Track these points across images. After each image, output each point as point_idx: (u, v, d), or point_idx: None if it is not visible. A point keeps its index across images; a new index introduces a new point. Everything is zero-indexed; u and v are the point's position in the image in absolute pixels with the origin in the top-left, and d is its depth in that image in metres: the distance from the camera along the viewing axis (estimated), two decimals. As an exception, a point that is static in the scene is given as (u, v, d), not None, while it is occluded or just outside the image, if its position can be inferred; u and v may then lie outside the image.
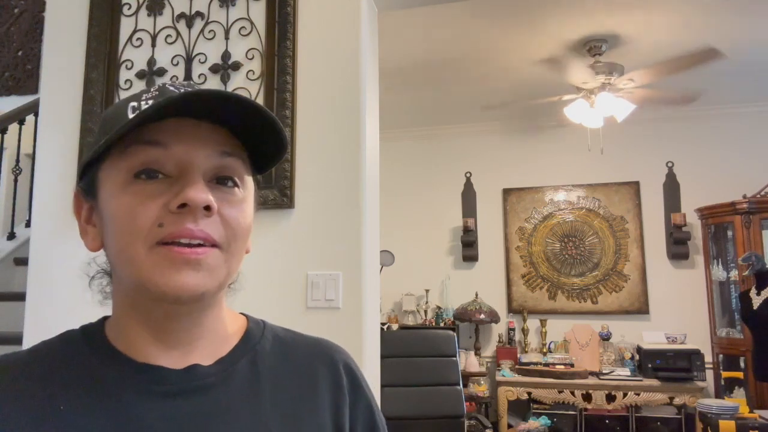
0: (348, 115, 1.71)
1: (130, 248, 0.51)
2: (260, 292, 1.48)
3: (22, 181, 3.50)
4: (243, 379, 0.57)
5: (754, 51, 3.48)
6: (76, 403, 0.51)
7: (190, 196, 0.49)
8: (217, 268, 0.52)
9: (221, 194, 0.53)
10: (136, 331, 0.55)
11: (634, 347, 4.35)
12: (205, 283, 0.51)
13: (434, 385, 3.08)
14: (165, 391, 0.53)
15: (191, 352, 0.56)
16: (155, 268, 0.50)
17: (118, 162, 0.52)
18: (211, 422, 0.53)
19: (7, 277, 3.31)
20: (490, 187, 4.94)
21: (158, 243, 0.50)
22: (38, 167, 1.92)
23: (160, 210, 0.50)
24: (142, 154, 0.51)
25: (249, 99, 0.52)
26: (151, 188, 0.51)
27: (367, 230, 1.69)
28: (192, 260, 0.50)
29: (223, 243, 0.52)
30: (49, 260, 1.84)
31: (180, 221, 0.50)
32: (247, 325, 0.62)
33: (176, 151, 0.51)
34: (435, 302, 4.83)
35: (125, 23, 1.90)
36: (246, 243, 0.56)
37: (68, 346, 0.56)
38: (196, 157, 0.52)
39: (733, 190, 4.22)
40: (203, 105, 0.51)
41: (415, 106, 4.51)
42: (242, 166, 0.56)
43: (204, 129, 0.53)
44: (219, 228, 0.52)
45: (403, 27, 3.13)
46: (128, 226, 0.51)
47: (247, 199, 0.56)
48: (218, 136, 0.54)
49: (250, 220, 0.56)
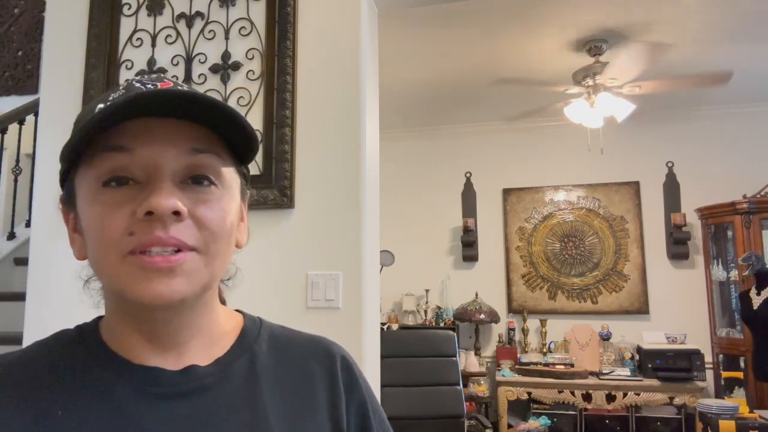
0: (348, 115, 1.71)
1: (104, 258, 0.50)
2: (260, 292, 1.48)
3: (22, 181, 3.50)
4: (241, 379, 0.56)
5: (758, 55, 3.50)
6: (72, 407, 0.50)
7: (155, 204, 0.47)
8: (196, 272, 0.50)
9: (195, 195, 0.51)
10: (129, 334, 0.54)
11: (634, 347, 4.35)
12: (182, 290, 0.49)
13: (434, 385, 3.08)
14: (162, 393, 0.52)
15: (186, 352, 0.55)
16: (128, 278, 0.49)
17: (88, 169, 0.51)
18: (211, 423, 0.52)
19: (7, 277, 3.31)
20: (490, 187, 4.93)
21: (130, 252, 0.48)
22: (38, 167, 1.92)
23: (128, 218, 0.49)
24: (108, 161, 0.49)
25: (205, 96, 0.50)
26: (120, 196, 0.49)
27: (367, 230, 1.69)
28: (164, 269, 0.48)
29: (200, 246, 0.50)
30: (49, 260, 1.84)
31: (149, 229, 0.48)
32: (244, 323, 0.61)
33: (142, 154, 0.49)
34: (435, 302, 4.83)
35: (125, 23, 1.90)
36: (230, 241, 0.54)
37: (63, 347, 0.55)
38: (163, 158, 0.50)
39: (733, 190, 4.22)
40: (163, 103, 0.49)
41: (415, 104, 4.51)
42: (218, 161, 0.53)
43: (172, 127, 0.50)
44: (193, 231, 0.50)
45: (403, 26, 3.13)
46: (99, 236, 0.49)
47: (225, 196, 0.53)
48: (189, 133, 0.51)
49: (232, 217, 0.54)
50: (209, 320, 0.57)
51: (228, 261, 0.55)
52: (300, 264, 1.67)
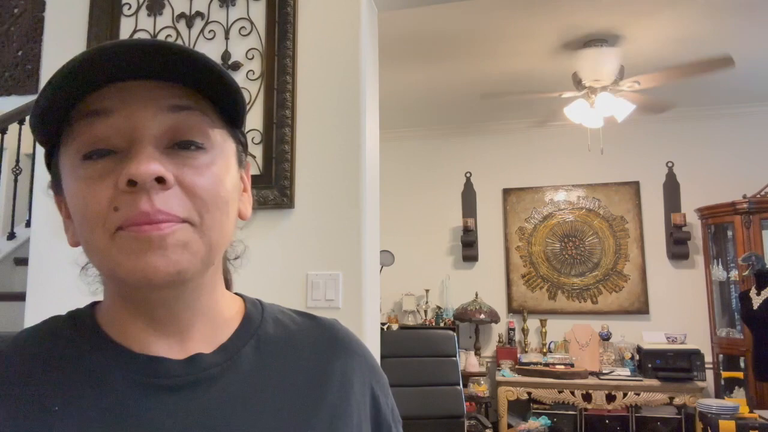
0: (348, 115, 1.71)
1: (91, 237, 0.46)
2: (260, 292, 1.47)
3: (22, 181, 3.50)
4: (249, 366, 0.52)
5: (758, 55, 3.49)
6: (69, 399, 0.46)
7: (134, 171, 0.43)
8: (191, 243, 0.46)
9: (181, 160, 0.47)
10: (128, 319, 0.50)
11: (634, 347, 4.35)
12: (179, 261, 0.45)
13: (434, 385, 3.08)
14: (168, 384, 0.48)
15: (189, 339, 0.51)
16: (120, 255, 0.45)
17: (70, 143, 0.47)
18: (221, 415, 0.48)
19: (7, 277, 3.31)
20: (490, 187, 4.94)
21: (119, 228, 0.45)
22: (38, 167, 1.92)
23: (111, 192, 0.45)
24: (87, 131, 0.46)
25: (173, 44, 0.45)
26: (100, 168, 0.45)
27: (367, 230, 1.69)
28: (155, 238, 0.44)
29: (192, 217, 0.46)
30: (49, 260, 1.84)
31: (134, 203, 0.44)
32: (246, 307, 0.58)
33: (119, 117, 0.46)
34: (435, 302, 4.83)
35: (125, 23, 1.90)
36: (227, 209, 0.50)
37: (56, 335, 0.51)
38: (141, 119, 0.46)
39: (733, 190, 4.22)
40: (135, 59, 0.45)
41: (416, 104, 4.51)
42: (205, 122, 0.48)
43: (151, 87, 0.46)
44: (183, 200, 0.46)
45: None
46: (84, 214, 0.46)
47: (217, 161, 0.49)
48: (169, 91, 0.47)
49: (228, 185, 0.50)
50: (212, 302, 0.53)
51: (228, 234, 0.51)
52: (300, 264, 1.67)
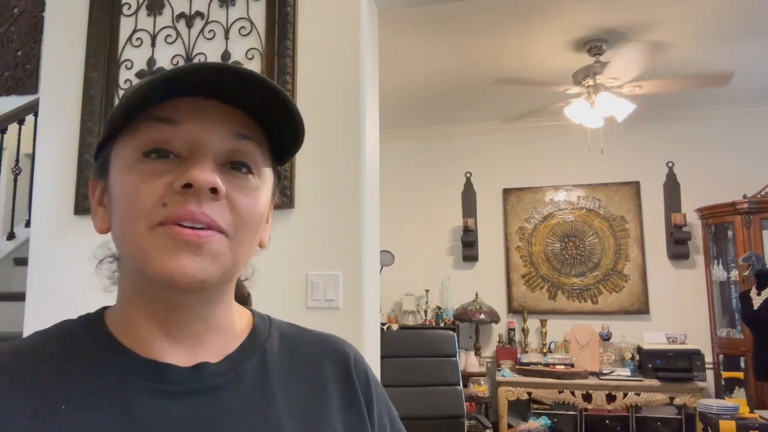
0: (348, 115, 1.71)
1: (131, 227, 0.49)
2: (260, 292, 1.47)
3: (22, 181, 3.50)
4: (253, 378, 0.54)
5: (758, 55, 3.50)
6: (77, 401, 0.48)
7: (195, 176, 0.47)
8: (221, 254, 0.49)
9: (233, 179, 0.51)
10: (140, 322, 0.52)
11: (634, 347, 4.35)
12: (206, 269, 0.48)
13: (434, 385, 3.08)
14: (173, 390, 0.50)
15: (198, 347, 0.53)
16: (154, 250, 0.47)
17: (129, 139, 0.50)
18: (222, 424, 0.50)
19: (7, 277, 3.31)
20: (490, 187, 4.93)
21: (160, 223, 0.48)
22: (38, 167, 1.92)
23: (164, 189, 0.48)
24: (153, 132, 0.49)
25: (267, 78, 0.50)
26: (158, 167, 0.49)
27: (367, 230, 1.69)
28: (192, 243, 0.47)
29: (230, 230, 0.50)
30: (49, 260, 1.84)
31: (183, 202, 0.47)
32: (254, 321, 0.60)
33: (187, 129, 0.49)
34: (435, 302, 4.83)
35: (125, 23, 1.90)
36: (257, 233, 0.54)
37: (67, 337, 0.53)
38: (207, 136, 0.50)
39: (733, 190, 4.21)
40: (216, 80, 0.49)
41: (416, 104, 4.51)
42: (259, 153, 0.53)
43: (220, 109, 0.51)
44: (226, 213, 0.49)
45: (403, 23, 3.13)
46: (131, 204, 0.49)
47: (261, 188, 0.53)
48: (235, 118, 0.51)
49: (263, 210, 0.53)
50: (224, 315, 0.56)
51: (251, 253, 0.54)
52: (300, 264, 1.67)
